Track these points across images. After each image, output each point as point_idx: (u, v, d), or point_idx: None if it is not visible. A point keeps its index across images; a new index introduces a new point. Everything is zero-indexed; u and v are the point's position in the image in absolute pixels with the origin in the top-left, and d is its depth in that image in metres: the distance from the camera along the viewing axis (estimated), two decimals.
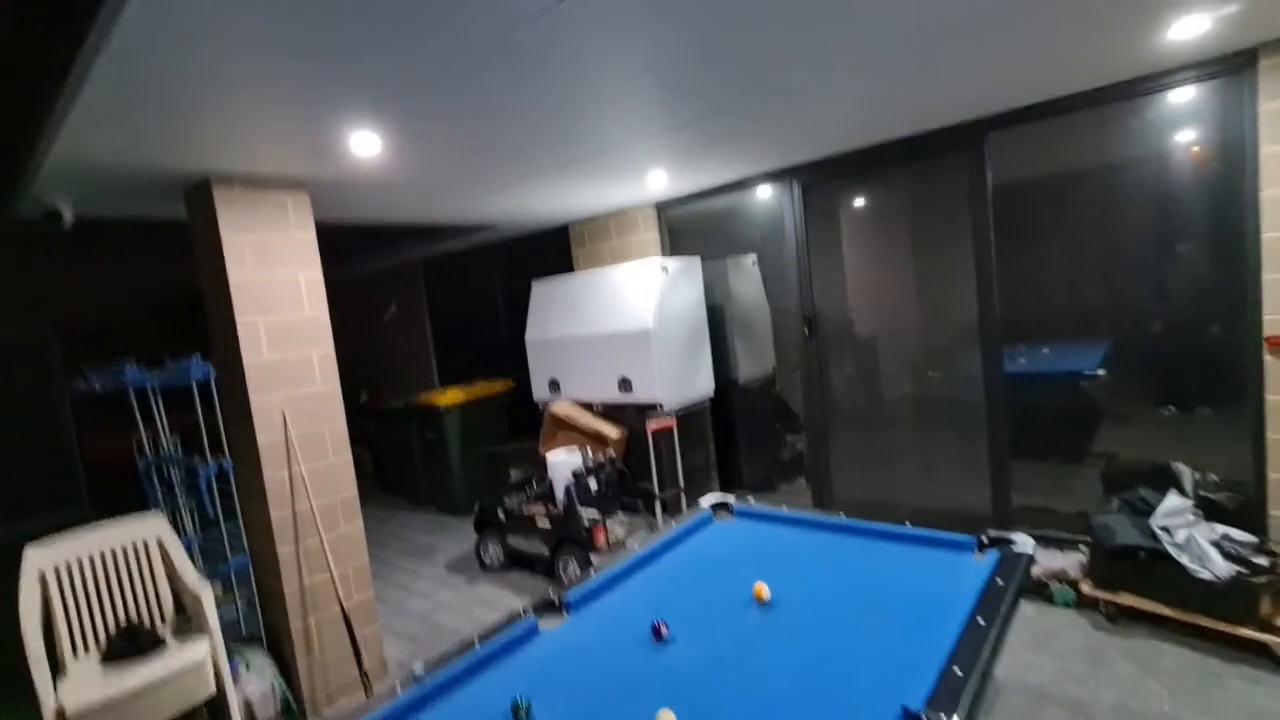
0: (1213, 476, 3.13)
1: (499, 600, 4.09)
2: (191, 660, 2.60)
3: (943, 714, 1.35)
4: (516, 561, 4.49)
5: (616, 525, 4.15)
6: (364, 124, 2.42)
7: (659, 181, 4.16)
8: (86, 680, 2.53)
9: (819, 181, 4.26)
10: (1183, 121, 3.21)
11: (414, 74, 2.00)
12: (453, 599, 4.22)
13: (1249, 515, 2.99)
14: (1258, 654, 2.67)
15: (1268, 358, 2.89)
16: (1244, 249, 2.94)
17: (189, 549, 3.21)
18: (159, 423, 3.71)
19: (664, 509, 4.25)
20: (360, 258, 6.84)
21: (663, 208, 4.95)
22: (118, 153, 2.39)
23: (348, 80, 2.00)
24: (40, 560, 2.69)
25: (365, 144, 2.63)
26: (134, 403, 3.61)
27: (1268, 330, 2.87)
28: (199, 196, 2.94)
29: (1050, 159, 3.80)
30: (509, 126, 2.66)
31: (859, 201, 4.78)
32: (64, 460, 7.44)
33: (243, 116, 2.21)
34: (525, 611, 2.05)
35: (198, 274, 3.14)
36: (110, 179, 2.68)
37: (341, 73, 1.94)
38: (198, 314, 3.21)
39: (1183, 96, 3.11)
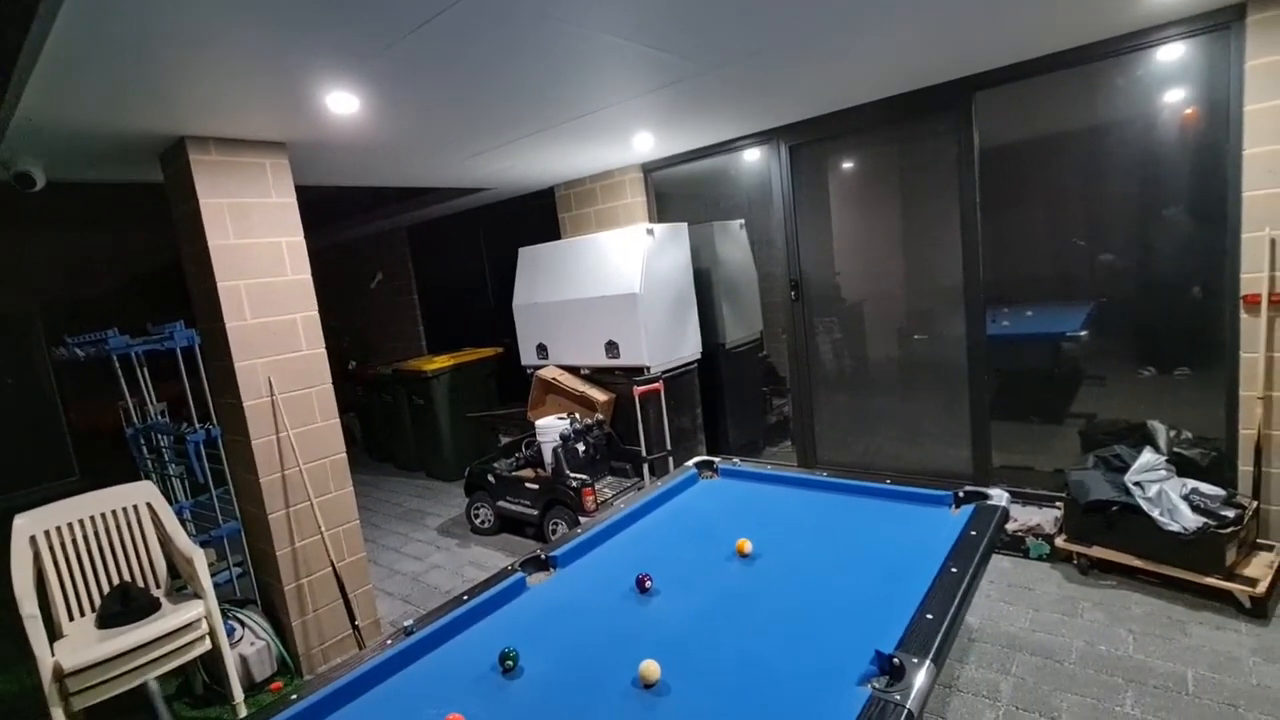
0: (1186, 434, 3.21)
1: (490, 561, 4.16)
2: (186, 620, 2.64)
3: (914, 657, 1.40)
4: (507, 524, 4.56)
5: (605, 487, 4.22)
6: (341, 84, 2.37)
7: (645, 143, 4.11)
8: (83, 641, 2.57)
9: (807, 143, 4.22)
10: (1169, 80, 3.19)
11: (388, 31, 1.95)
12: (444, 560, 4.30)
13: (1219, 470, 3.07)
14: (1222, 601, 2.78)
15: (1244, 316, 2.94)
16: (1225, 208, 2.96)
17: (180, 515, 3.24)
18: (145, 390, 3.70)
19: (652, 471, 4.31)
20: (344, 223, 6.74)
21: (649, 170, 4.90)
22: (85, 114, 2.33)
23: (321, 38, 1.95)
24: (30, 526, 2.70)
25: (343, 104, 2.58)
26: (119, 371, 3.58)
27: (1245, 289, 2.91)
28: (175, 159, 2.88)
29: (1036, 121, 3.78)
30: (489, 85, 2.61)
31: (847, 164, 4.75)
32: (51, 431, 7.41)
33: (214, 75, 2.16)
34: (513, 567, 2.10)
35: (177, 239, 3.09)
36: (80, 141, 2.62)
37: (315, 30, 1.89)
38: (181, 282, 3.17)
39: (1170, 54, 3.09)
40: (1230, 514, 2.78)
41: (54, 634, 2.59)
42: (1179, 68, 3.13)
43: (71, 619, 2.71)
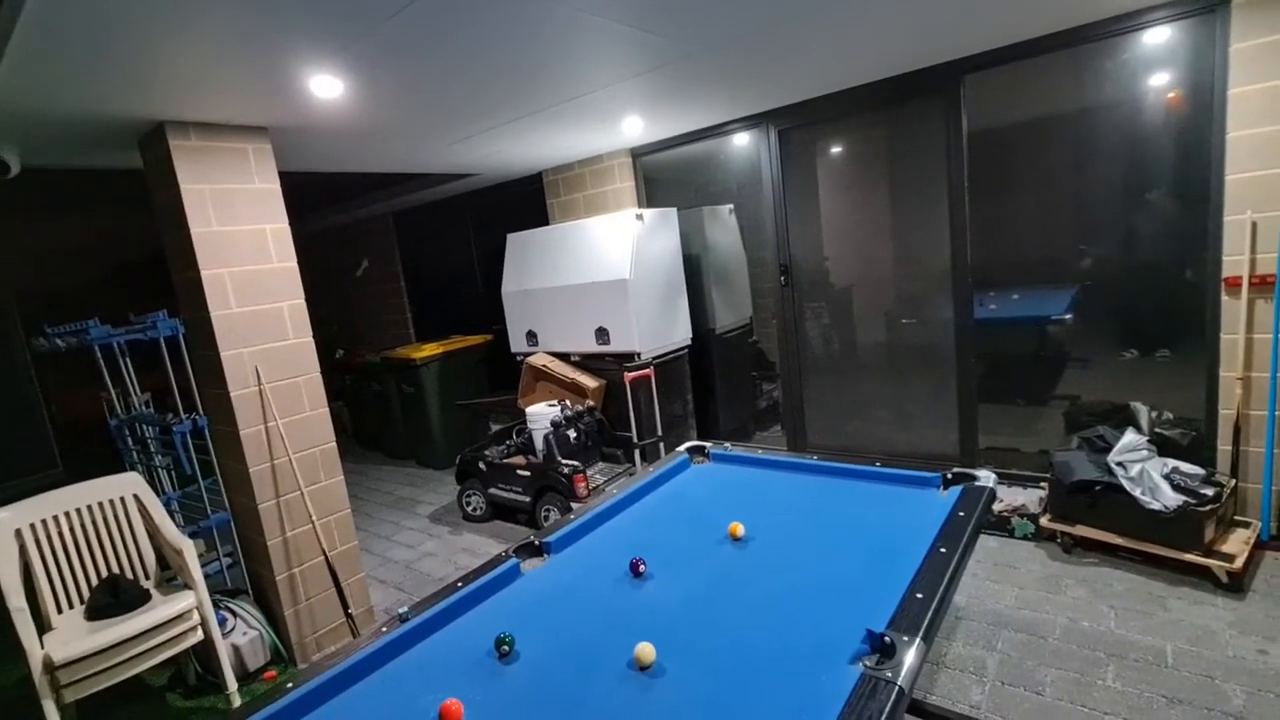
0: (1168, 414, 3.27)
1: (483, 548, 4.17)
2: (177, 611, 2.63)
3: (904, 635, 1.42)
4: (499, 511, 4.57)
5: (596, 474, 4.23)
6: (324, 67, 2.33)
7: (634, 127, 4.08)
8: (73, 633, 2.55)
9: (796, 127, 4.21)
10: (1155, 63, 3.21)
11: (372, 12, 1.92)
12: (437, 548, 4.30)
13: (1199, 449, 3.14)
14: (1200, 576, 2.85)
15: (1225, 298, 2.98)
16: (1208, 191, 2.99)
17: (168, 506, 3.21)
18: (129, 381, 3.65)
19: (643, 457, 4.33)
20: (329, 210, 6.65)
21: (638, 154, 4.87)
22: (59, 99, 2.27)
23: (303, 20, 1.91)
24: (15, 519, 2.67)
25: (326, 87, 2.53)
26: (101, 362, 3.53)
27: (1226, 271, 2.96)
28: (154, 145, 2.82)
29: (1024, 104, 3.79)
30: (475, 68, 2.57)
31: (836, 148, 4.74)
32: (32, 424, 7.30)
33: (192, 58, 2.11)
34: (507, 554, 2.10)
35: (158, 227, 3.04)
36: (55, 127, 2.56)
37: (296, 11, 1.85)
38: (164, 271, 3.12)
39: (1156, 37, 3.10)
40: (1209, 492, 2.84)
41: (42, 627, 2.57)
42: (1165, 51, 3.14)
43: (60, 612, 2.70)
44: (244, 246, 2.96)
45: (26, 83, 2.09)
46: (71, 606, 2.73)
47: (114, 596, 2.70)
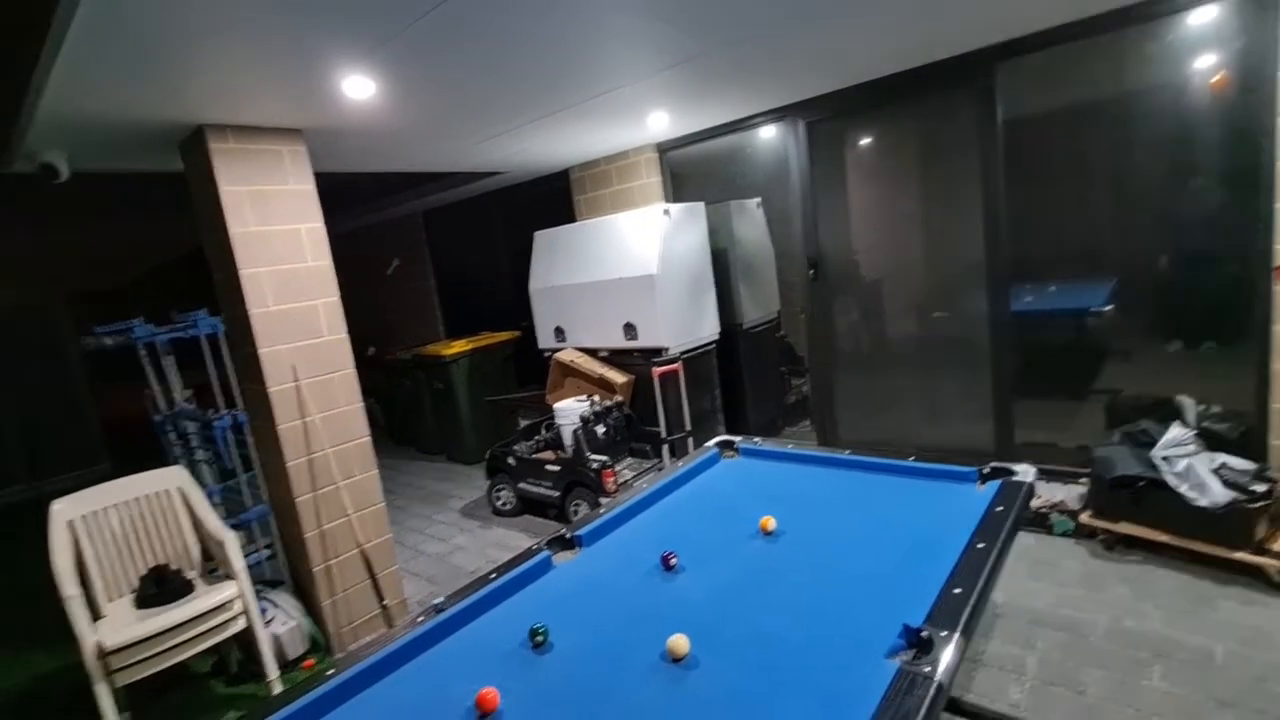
0: (1215, 408, 3.15)
1: (513, 542, 4.22)
2: (221, 600, 2.71)
3: (942, 630, 1.40)
4: (528, 506, 4.61)
5: (625, 469, 4.24)
6: (357, 68, 2.37)
7: (660, 122, 4.07)
8: (123, 621, 2.65)
9: (824, 119, 4.15)
10: (1202, 45, 3.09)
11: (403, 13, 1.94)
12: (468, 542, 4.36)
13: (1250, 444, 3.02)
14: (1251, 576, 2.75)
15: (1276, 288, 2.87)
16: (1258, 178, 2.87)
17: (210, 499, 3.31)
18: (171, 378, 3.77)
19: (672, 452, 4.32)
20: (360, 209, 6.77)
21: (664, 150, 4.85)
22: (106, 105, 2.35)
23: (336, 22, 1.95)
24: (68, 511, 2.78)
25: (359, 89, 2.58)
26: (145, 359, 3.65)
27: (1277, 260, 2.84)
28: (194, 148, 2.90)
29: (1061, 91, 3.68)
30: (503, 67, 2.59)
31: (866, 140, 4.66)
32: (80, 420, 7.58)
33: (231, 64, 2.17)
34: (538, 547, 2.12)
35: (198, 227, 3.13)
36: (101, 132, 2.65)
37: (330, 14, 1.88)
38: (202, 272, 3.21)
39: (1203, 17, 2.99)
40: (1261, 488, 2.74)
41: (94, 614, 2.67)
42: (1213, 32, 3.02)
43: (110, 600, 2.80)
44: (280, 246, 3.03)
45: (76, 90, 2.16)
46: (121, 595, 2.83)
47: (159, 587, 2.79)
